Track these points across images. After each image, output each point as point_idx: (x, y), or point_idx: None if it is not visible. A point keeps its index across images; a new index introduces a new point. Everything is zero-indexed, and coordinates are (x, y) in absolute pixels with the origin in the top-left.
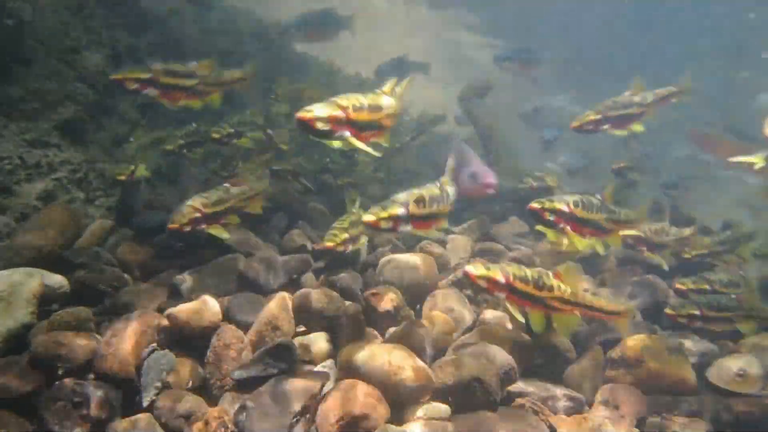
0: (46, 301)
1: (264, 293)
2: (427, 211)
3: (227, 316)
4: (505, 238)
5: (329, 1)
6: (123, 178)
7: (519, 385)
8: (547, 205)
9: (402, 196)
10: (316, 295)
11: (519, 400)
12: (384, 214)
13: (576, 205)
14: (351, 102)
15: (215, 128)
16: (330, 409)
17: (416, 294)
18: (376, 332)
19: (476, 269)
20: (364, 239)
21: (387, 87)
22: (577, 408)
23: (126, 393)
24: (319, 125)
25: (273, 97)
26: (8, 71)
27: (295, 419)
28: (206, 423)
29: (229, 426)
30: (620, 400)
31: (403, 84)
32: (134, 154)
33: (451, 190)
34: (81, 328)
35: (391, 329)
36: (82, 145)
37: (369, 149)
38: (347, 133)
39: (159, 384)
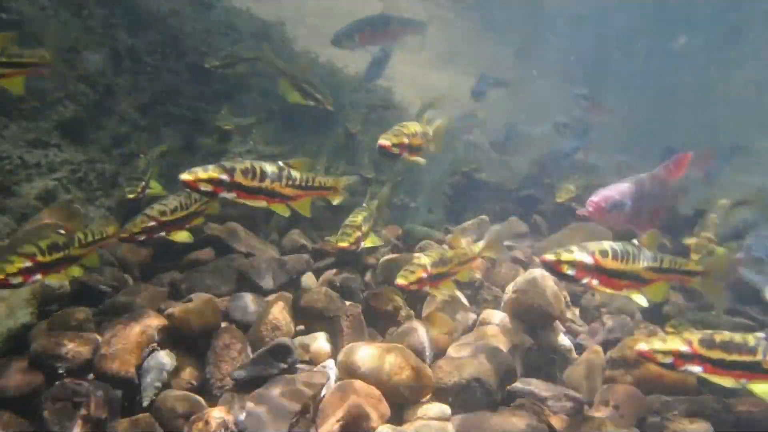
0: (46, 301)
1: (264, 293)
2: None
3: (227, 316)
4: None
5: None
6: (133, 196)
7: (519, 385)
8: (564, 257)
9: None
10: (316, 295)
11: (519, 400)
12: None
13: (604, 254)
14: (411, 130)
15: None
16: (330, 409)
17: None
18: (376, 332)
19: (555, 255)
20: (375, 238)
21: (433, 124)
22: (577, 408)
23: (126, 393)
24: (394, 150)
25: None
26: None
27: (295, 419)
28: (206, 423)
29: (230, 426)
30: (620, 400)
31: (443, 122)
32: (144, 170)
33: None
34: (81, 328)
35: (391, 329)
36: (82, 145)
37: (420, 160)
38: (405, 154)
39: (159, 384)
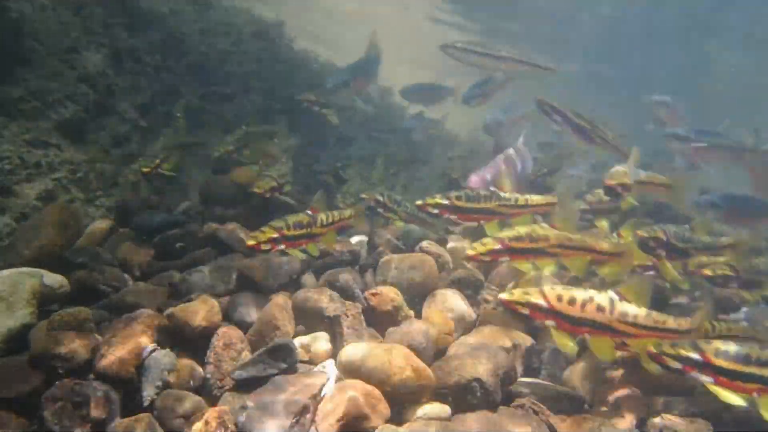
0: (46, 301)
1: (264, 293)
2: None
3: (227, 316)
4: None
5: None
6: (147, 170)
7: (519, 385)
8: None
9: None
10: (316, 295)
11: (519, 400)
12: None
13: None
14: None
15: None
16: (330, 409)
17: (416, 294)
18: (376, 332)
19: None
20: (313, 246)
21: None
22: (577, 408)
23: (126, 393)
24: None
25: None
26: (8, 71)
27: (295, 419)
28: (206, 423)
29: (229, 426)
30: (620, 400)
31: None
32: (162, 152)
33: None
34: (81, 328)
35: (391, 329)
36: (82, 145)
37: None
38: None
39: (159, 384)
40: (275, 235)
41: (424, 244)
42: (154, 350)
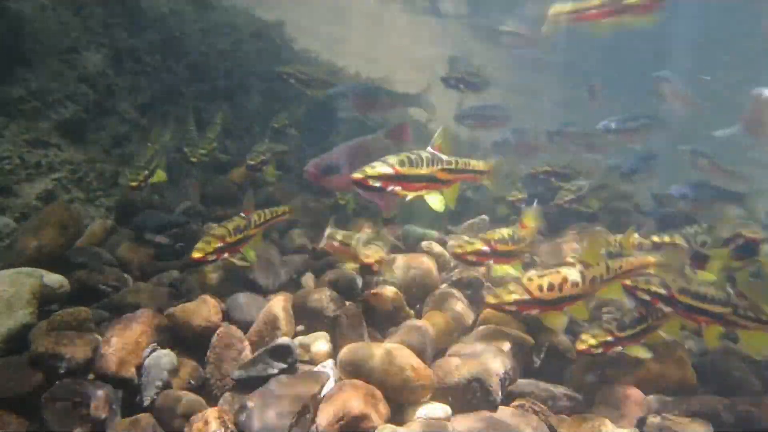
0: (46, 301)
1: (264, 293)
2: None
3: (227, 316)
4: None
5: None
6: (135, 185)
7: (519, 385)
8: (370, 172)
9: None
10: (316, 295)
11: (519, 400)
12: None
13: (402, 164)
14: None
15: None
16: (330, 409)
17: (416, 294)
18: (376, 332)
19: (362, 173)
20: (251, 253)
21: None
22: (577, 408)
23: (126, 393)
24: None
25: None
26: (8, 71)
27: (295, 419)
28: (206, 423)
29: (229, 426)
30: (620, 400)
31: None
32: (150, 159)
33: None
34: (81, 328)
35: (391, 329)
36: (82, 145)
37: None
38: None
39: (159, 384)
40: (220, 244)
41: (424, 243)
42: (154, 350)
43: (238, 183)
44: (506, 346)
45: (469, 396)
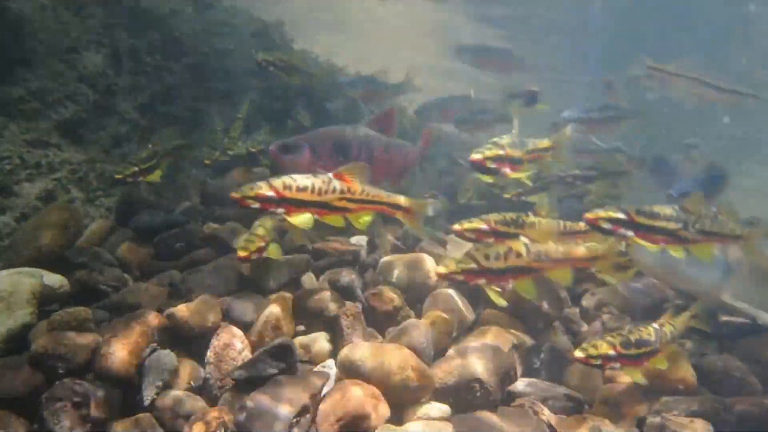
0: (46, 301)
1: (264, 293)
2: None
3: (227, 316)
4: None
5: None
6: (119, 177)
7: (519, 385)
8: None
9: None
10: (317, 295)
11: (519, 400)
12: None
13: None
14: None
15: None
16: (330, 409)
17: (416, 294)
18: (376, 332)
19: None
20: (276, 249)
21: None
22: (577, 408)
23: (126, 393)
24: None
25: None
26: (8, 71)
27: (295, 419)
28: (206, 423)
29: (229, 426)
30: (620, 400)
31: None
32: (146, 158)
33: None
34: (81, 328)
35: (391, 329)
36: (82, 145)
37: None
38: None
39: (159, 384)
40: (263, 244)
41: (425, 244)
42: (154, 350)
43: (239, 183)
44: (506, 346)
45: (470, 396)
